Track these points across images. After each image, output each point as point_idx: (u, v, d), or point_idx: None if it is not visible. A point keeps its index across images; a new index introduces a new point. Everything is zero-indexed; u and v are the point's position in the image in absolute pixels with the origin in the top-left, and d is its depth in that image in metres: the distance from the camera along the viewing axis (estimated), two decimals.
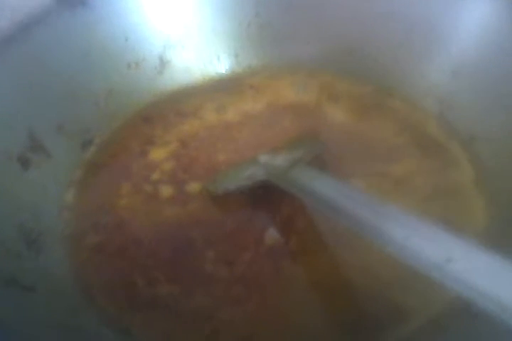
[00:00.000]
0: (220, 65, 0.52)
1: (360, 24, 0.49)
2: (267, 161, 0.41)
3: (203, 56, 0.51)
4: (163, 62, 0.50)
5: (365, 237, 0.30)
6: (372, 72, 0.49)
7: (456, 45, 0.45)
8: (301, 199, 0.38)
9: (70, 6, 0.44)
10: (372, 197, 0.31)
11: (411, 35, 0.47)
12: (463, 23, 0.44)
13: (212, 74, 0.52)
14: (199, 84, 0.51)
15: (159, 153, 0.45)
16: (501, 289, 0.23)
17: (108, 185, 0.43)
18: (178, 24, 0.49)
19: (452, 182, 0.41)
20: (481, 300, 0.23)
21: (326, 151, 0.43)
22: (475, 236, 0.35)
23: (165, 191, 0.42)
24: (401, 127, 0.45)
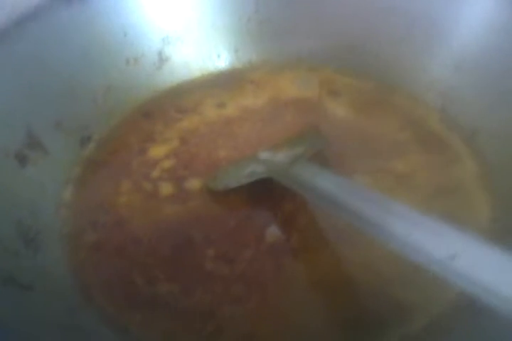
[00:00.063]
0: (219, 61, 0.51)
1: (361, 19, 0.48)
2: (268, 158, 0.41)
3: (203, 51, 0.51)
4: (162, 58, 0.49)
5: (367, 233, 0.29)
6: (373, 67, 0.49)
7: (457, 40, 0.45)
8: (303, 196, 0.38)
9: (67, 1, 0.43)
10: (374, 193, 0.31)
11: (412, 30, 0.46)
12: (464, 18, 0.44)
13: (212, 70, 0.51)
14: (199, 79, 0.51)
15: (159, 150, 0.45)
16: (506, 284, 0.23)
17: (107, 183, 0.43)
18: (178, 19, 0.49)
19: (455, 178, 0.41)
20: (485, 296, 0.23)
21: (327, 147, 0.42)
22: (479, 232, 0.34)
23: (165, 188, 0.42)
24: (403, 122, 0.45)
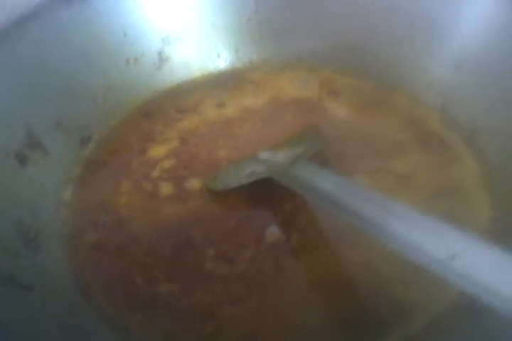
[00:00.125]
0: (219, 60, 0.51)
1: (361, 19, 0.48)
2: (268, 158, 0.41)
3: (203, 51, 0.51)
4: (162, 58, 0.49)
5: (367, 233, 0.29)
6: (373, 67, 0.49)
7: (457, 40, 0.45)
8: (303, 196, 0.38)
9: (67, 1, 0.43)
10: (374, 193, 0.31)
11: (412, 30, 0.46)
12: (464, 18, 0.44)
13: (212, 70, 0.51)
14: (199, 79, 0.51)
15: (159, 150, 0.45)
16: (506, 284, 0.23)
17: (107, 183, 0.43)
18: (178, 19, 0.49)
19: (455, 178, 0.41)
20: (485, 296, 0.23)
21: (327, 147, 0.42)
22: (479, 232, 0.34)
23: (165, 188, 0.42)
24: (403, 123, 0.45)
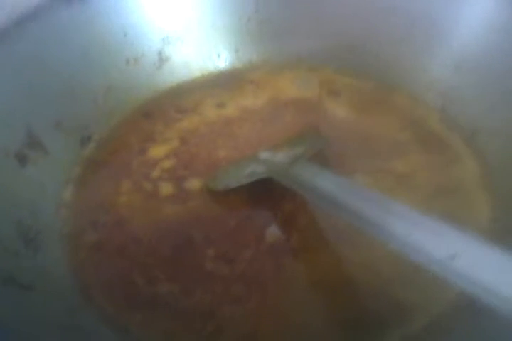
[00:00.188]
0: (219, 60, 0.51)
1: (360, 19, 0.48)
2: (268, 158, 0.41)
3: (203, 51, 0.51)
4: (163, 58, 0.49)
5: (368, 233, 0.29)
6: (373, 67, 0.49)
7: (457, 40, 0.45)
8: (303, 196, 0.38)
9: (67, 1, 0.43)
10: (374, 193, 0.31)
11: (412, 30, 0.46)
12: (464, 18, 0.44)
13: (212, 70, 0.51)
14: (199, 79, 0.51)
15: (159, 150, 0.45)
16: (506, 284, 0.23)
17: (107, 183, 0.43)
18: (178, 19, 0.49)
19: (455, 178, 0.41)
20: (485, 296, 0.23)
21: (327, 147, 0.42)
22: (479, 232, 0.34)
23: (165, 188, 0.42)
24: (403, 123, 0.45)
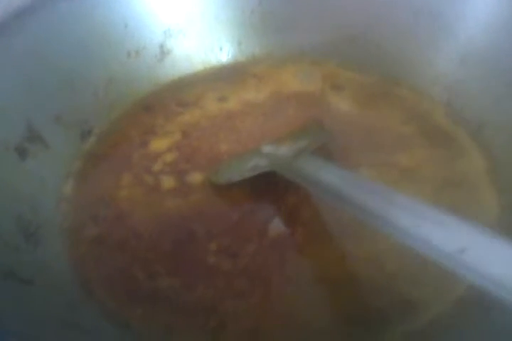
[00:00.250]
0: (222, 54, 0.51)
1: (364, 12, 0.48)
2: (271, 151, 0.40)
3: (205, 44, 0.50)
4: (164, 51, 0.49)
5: (372, 227, 0.29)
6: (377, 60, 0.48)
7: (464, 33, 0.44)
8: (306, 190, 0.37)
9: None
10: (379, 186, 0.31)
11: (416, 23, 0.46)
12: (470, 10, 0.43)
13: (214, 63, 0.51)
14: (201, 73, 0.50)
15: (160, 143, 0.44)
16: None
17: (108, 176, 0.43)
18: (180, 11, 0.48)
19: (461, 172, 0.41)
20: (494, 289, 0.23)
21: (331, 141, 0.42)
22: (486, 226, 0.34)
23: (166, 182, 0.42)
24: (408, 116, 0.45)
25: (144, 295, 0.36)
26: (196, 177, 0.42)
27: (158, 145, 0.44)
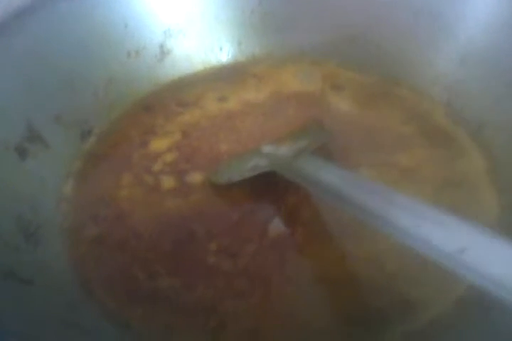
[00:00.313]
0: (222, 54, 0.51)
1: (364, 12, 0.48)
2: (271, 151, 0.40)
3: (205, 44, 0.50)
4: (164, 51, 0.49)
5: (373, 227, 0.29)
6: (377, 60, 0.48)
7: (464, 33, 0.44)
8: (306, 190, 0.37)
9: None
10: (379, 186, 0.31)
11: (416, 23, 0.46)
12: (470, 10, 0.43)
13: (214, 63, 0.51)
14: (201, 73, 0.50)
15: (160, 143, 0.44)
16: None
17: (108, 176, 0.43)
18: (180, 11, 0.48)
19: (461, 172, 0.41)
20: (494, 289, 0.23)
21: (331, 141, 0.42)
22: (486, 226, 0.34)
23: (166, 182, 0.42)
24: (408, 116, 0.45)
25: (144, 295, 0.36)
26: (196, 177, 0.42)
27: (158, 145, 0.44)
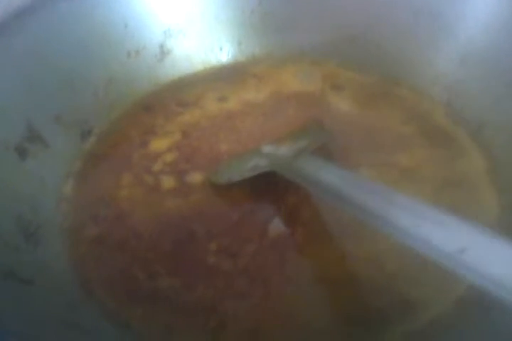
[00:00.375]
0: (222, 54, 0.51)
1: (364, 12, 0.48)
2: (271, 151, 0.40)
3: (205, 44, 0.50)
4: (164, 51, 0.49)
5: (373, 227, 0.29)
6: (377, 60, 0.48)
7: (464, 33, 0.44)
8: (307, 190, 0.37)
9: None
10: (379, 185, 0.31)
11: (416, 23, 0.46)
12: (470, 10, 0.43)
13: (215, 63, 0.51)
14: (201, 73, 0.50)
15: (160, 143, 0.44)
16: None
17: (108, 176, 0.43)
18: (180, 11, 0.48)
19: (461, 172, 0.40)
20: (495, 289, 0.23)
21: (331, 141, 0.42)
22: (486, 226, 0.34)
23: (166, 182, 0.42)
24: (408, 116, 0.45)
25: (144, 295, 0.36)
26: (196, 177, 0.42)
27: (158, 145, 0.44)
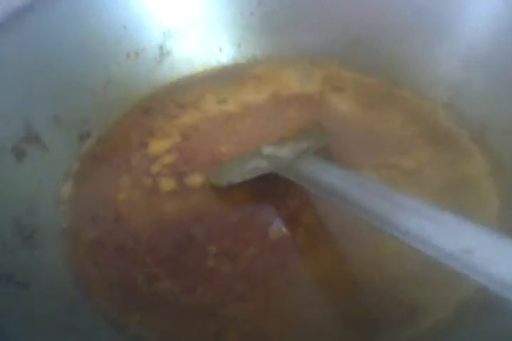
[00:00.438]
0: (221, 55, 0.51)
1: (364, 13, 0.48)
2: (272, 153, 0.40)
3: (205, 46, 0.50)
4: (163, 52, 0.49)
5: (376, 228, 0.28)
6: (378, 62, 0.48)
7: (466, 34, 0.44)
8: (308, 191, 0.37)
9: None
10: (382, 186, 0.31)
11: (418, 24, 0.46)
12: (473, 11, 0.43)
13: (214, 65, 0.51)
14: (200, 74, 0.50)
15: (159, 145, 0.44)
16: None
17: (106, 178, 0.42)
18: (179, 12, 0.48)
19: (464, 174, 0.40)
20: (502, 290, 0.23)
21: (332, 143, 0.42)
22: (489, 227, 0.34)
23: (165, 184, 0.41)
24: (410, 118, 0.45)
25: (143, 299, 0.35)
26: (196, 180, 0.41)
27: (158, 147, 0.44)
